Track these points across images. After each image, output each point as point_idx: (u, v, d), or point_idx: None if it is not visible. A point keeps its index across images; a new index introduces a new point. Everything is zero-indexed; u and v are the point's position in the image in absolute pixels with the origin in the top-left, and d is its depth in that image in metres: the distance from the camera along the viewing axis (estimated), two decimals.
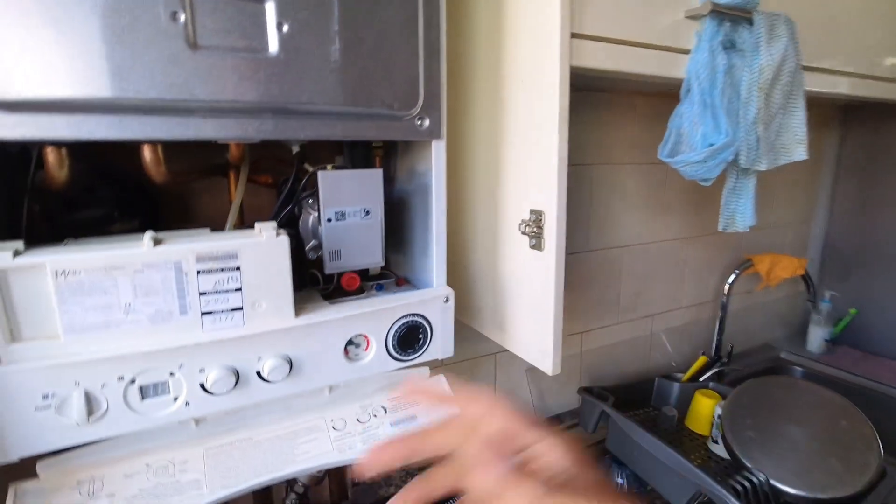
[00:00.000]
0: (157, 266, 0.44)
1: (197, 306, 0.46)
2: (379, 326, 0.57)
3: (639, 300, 1.20)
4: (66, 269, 0.41)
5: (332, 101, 0.50)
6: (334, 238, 0.56)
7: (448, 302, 0.61)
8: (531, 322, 0.66)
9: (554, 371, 0.64)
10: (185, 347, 0.47)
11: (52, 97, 0.39)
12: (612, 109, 1.04)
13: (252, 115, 0.47)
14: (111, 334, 0.44)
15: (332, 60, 0.49)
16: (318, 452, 0.56)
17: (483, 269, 0.74)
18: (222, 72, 0.44)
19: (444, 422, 0.33)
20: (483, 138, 0.69)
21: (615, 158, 1.07)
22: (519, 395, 1.07)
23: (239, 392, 0.50)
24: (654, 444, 0.86)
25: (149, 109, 0.43)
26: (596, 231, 1.08)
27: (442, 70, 0.56)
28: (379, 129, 0.54)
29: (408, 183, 0.66)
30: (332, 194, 0.55)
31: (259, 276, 0.48)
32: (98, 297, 0.43)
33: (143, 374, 0.46)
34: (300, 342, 0.52)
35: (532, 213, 0.63)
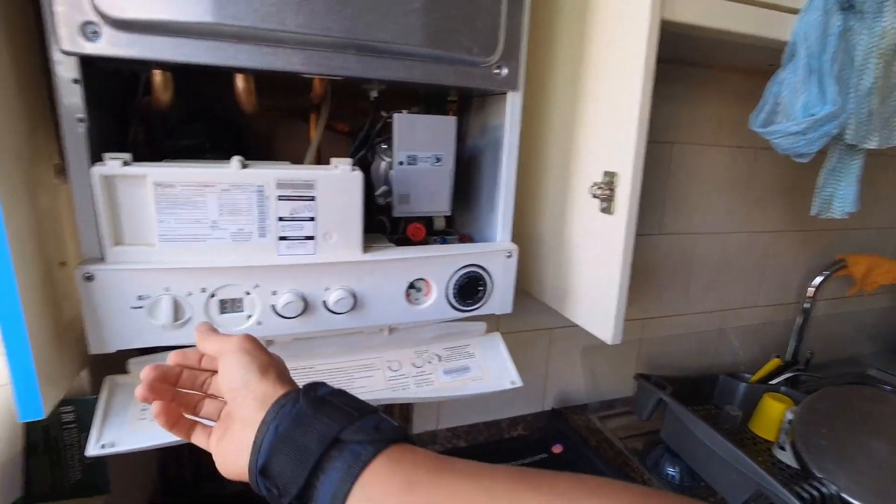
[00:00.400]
0: (242, 187, 0.47)
1: (274, 230, 0.49)
2: (440, 273, 0.57)
3: (710, 293, 1.13)
4: (164, 181, 0.45)
5: (413, 41, 0.50)
6: (404, 181, 0.57)
7: (511, 257, 0.61)
8: (595, 288, 0.64)
9: (614, 340, 0.62)
10: (261, 268, 0.50)
11: (159, 18, 0.43)
12: (700, 85, 0.97)
13: (337, 50, 0.49)
14: (198, 248, 0.48)
15: (417, 1, 0.49)
16: (372, 388, 0.58)
17: (548, 232, 0.72)
18: (311, 4, 0.46)
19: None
20: (560, 93, 0.67)
21: (699, 139, 1.01)
22: (572, 375, 1.05)
23: (306, 318, 0.53)
24: (715, 440, 0.82)
25: (243, 37, 0.45)
26: (670, 215, 1.03)
27: (524, 18, 0.55)
28: (456, 76, 0.54)
29: (479, 139, 0.66)
30: (406, 137, 0.56)
31: (332, 209, 0.50)
32: (189, 211, 0.46)
33: (222, 289, 0.49)
34: (365, 278, 0.54)
35: (605, 174, 0.60)
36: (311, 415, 0.32)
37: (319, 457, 0.29)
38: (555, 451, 0.93)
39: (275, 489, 0.30)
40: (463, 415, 0.98)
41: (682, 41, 0.64)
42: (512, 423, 1.01)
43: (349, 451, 0.29)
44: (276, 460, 0.30)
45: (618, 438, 0.97)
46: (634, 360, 1.10)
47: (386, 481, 0.28)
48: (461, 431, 0.97)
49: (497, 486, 0.27)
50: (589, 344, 1.03)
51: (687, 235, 1.07)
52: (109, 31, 0.42)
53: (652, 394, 0.94)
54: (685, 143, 1.00)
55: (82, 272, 0.45)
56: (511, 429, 1.00)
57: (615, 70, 0.58)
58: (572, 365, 1.05)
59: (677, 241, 1.06)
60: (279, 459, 0.30)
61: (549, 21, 0.68)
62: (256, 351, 0.37)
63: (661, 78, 0.55)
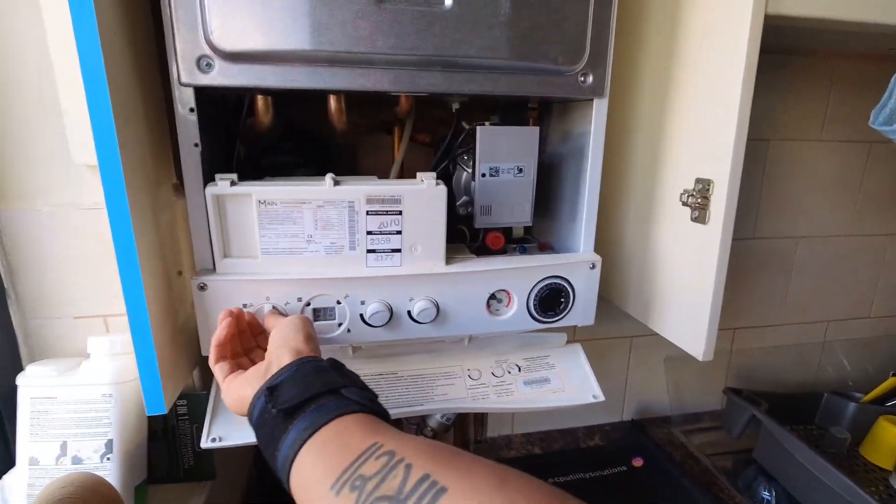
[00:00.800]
0: (335, 203, 0.50)
1: (363, 244, 0.51)
2: (522, 284, 0.57)
3: (812, 302, 1.03)
4: (266, 199, 0.49)
5: (498, 54, 0.50)
6: (486, 193, 0.57)
7: (594, 269, 0.59)
8: (684, 301, 0.61)
9: (705, 357, 0.59)
10: (351, 280, 0.52)
11: (264, 49, 0.46)
12: (802, 75, 0.89)
13: (423, 68, 0.50)
14: (295, 260, 0.51)
15: (502, 13, 0.49)
16: (453, 396, 0.59)
17: (632, 240, 0.69)
18: (401, 25, 0.47)
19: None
20: (648, 97, 0.64)
21: (801, 134, 0.92)
22: (653, 385, 1.01)
23: (391, 327, 0.55)
24: (819, 465, 0.75)
25: (338, 61, 0.48)
26: (766, 217, 0.95)
27: (611, 23, 0.53)
28: (541, 86, 0.53)
29: (560, 146, 0.65)
30: (489, 149, 0.56)
31: (417, 222, 0.52)
32: (288, 227, 0.50)
33: (316, 299, 0.52)
34: (448, 289, 0.55)
35: (698, 182, 0.57)
36: (327, 370, 0.40)
37: (318, 394, 0.36)
38: (635, 465, 0.89)
39: (271, 402, 0.37)
40: (538, 421, 0.97)
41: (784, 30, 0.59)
42: (588, 433, 0.99)
43: (342, 399, 0.37)
44: (287, 386, 0.38)
45: (704, 455, 0.92)
46: (724, 372, 1.03)
47: (360, 422, 0.35)
48: (535, 438, 0.96)
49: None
50: (673, 354, 0.98)
51: (785, 239, 0.98)
52: (221, 63, 0.46)
53: (744, 410, 0.88)
54: (784, 140, 0.92)
55: (197, 282, 0.49)
56: (587, 438, 0.97)
57: (710, 71, 0.55)
58: (653, 374, 1.00)
59: (774, 245, 0.98)
60: (289, 386, 0.38)
61: (635, 22, 0.65)
62: (308, 326, 0.46)
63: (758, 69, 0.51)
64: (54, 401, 0.51)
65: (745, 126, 0.52)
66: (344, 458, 0.31)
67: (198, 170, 0.48)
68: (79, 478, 0.42)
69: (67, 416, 0.51)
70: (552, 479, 0.85)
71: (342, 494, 0.29)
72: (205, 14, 0.44)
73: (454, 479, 0.27)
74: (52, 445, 0.51)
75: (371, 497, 0.27)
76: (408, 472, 0.28)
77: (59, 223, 0.54)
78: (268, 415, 0.37)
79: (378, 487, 0.28)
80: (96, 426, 0.51)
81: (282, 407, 0.36)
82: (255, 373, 0.41)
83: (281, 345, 0.42)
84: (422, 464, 0.28)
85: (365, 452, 0.31)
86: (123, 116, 0.42)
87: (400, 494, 0.27)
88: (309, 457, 0.33)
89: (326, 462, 0.31)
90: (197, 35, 0.45)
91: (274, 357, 0.42)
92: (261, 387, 0.39)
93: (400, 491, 0.27)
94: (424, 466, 0.28)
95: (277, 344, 0.43)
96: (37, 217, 0.53)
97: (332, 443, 0.33)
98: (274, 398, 0.37)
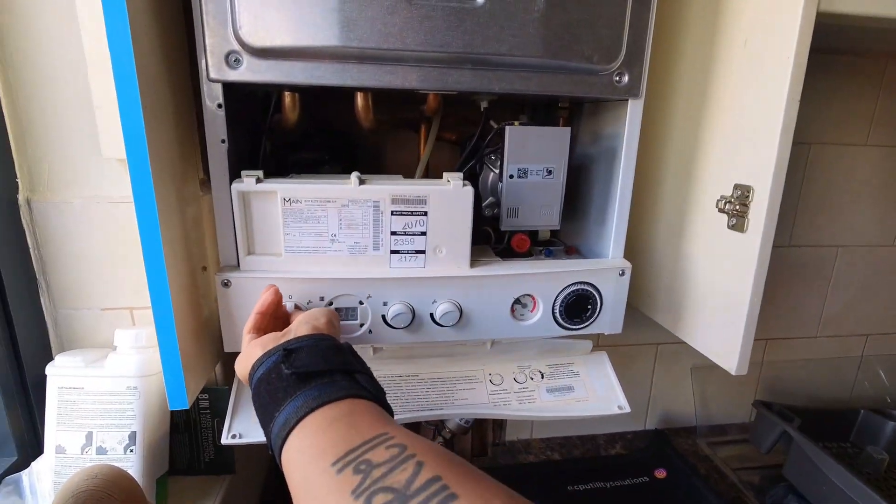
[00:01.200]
0: (360, 203, 0.49)
1: (388, 244, 0.51)
2: (548, 289, 0.55)
3: (850, 314, 0.99)
4: (292, 196, 0.48)
5: (530, 52, 0.49)
6: (514, 195, 0.56)
7: (624, 276, 0.57)
8: (717, 312, 0.58)
9: (739, 371, 0.56)
10: (374, 280, 0.52)
11: (293, 45, 0.45)
12: (848, 77, 0.85)
13: (453, 65, 0.48)
14: (318, 259, 0.51)
15: (536, 10, 0.48)
16: (474, 401, 0.58)
17: (662, 246, 0.67)
18: (432, 21, 0.46)
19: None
20: (683, 98, 0.62)
21: (844, 138, 0.88)
22: (678, 394, 0.98)
23: (413, 329, 0.54)
24: (856, 488, 0.71)
25: (366, 58, 0.47)
26: (804, 224, 0.91)
27: (650, 21, 0.51)
28: (574, 85, 0.51)
29: (590, 147, 0.63)
30: (518, 150, 0.54)
31: (443, 224, 0.51)
32: (312, 225, 0.49)
33: (339, 298, 0.52)
34: (471, 292, 0.54)
35: (736, 188, 0.54)
36: (345, 351, 0.40)
37: (333, 370, 0.37)
38: (658, 476, 0.87)
39: (286, 363, 0.36)
40: (558, 426, 0.96)
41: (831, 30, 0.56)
42: (609, 441, 0.96)
43: (355, 382, 0.37)
44: (304, 353, 0.38)
45: (730, 469, 0.89)
46: (753, 383, 1.00)
47: (370, 409, 0.34)
48: (555, 443, 0.95)
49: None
50: (700, 363, 0.95)
51: (823, 248, 0.94)
52: (250, 59, 0.45)
53: (775, 425, 0.85)
54: (826, 144, 0.88)
55: (221, 278, 0.49)
56: (609, 446, 0.95)
57: (754, 72, 0.52)
58: (679, 384, 0.97)
59: (811, 254, 0.94)
60: (307, 353, 0.38)
61: (672, 20, 0.62)
62: (333, 316, 0.46)
63: None
64: (81, 391, 0.52)
65: (791, 131, 0.49)
66: (351, 439, 0.30)
67: (224, 166, 0.48)
68: (102, 470, 0.43)
69: (93, 406, 0.52)
70: (571, 488, 0.84)
71: (344, 473, 0.28)
72: (234, 9, 0.44)
73: (467, 488, 0.26)
74: (78, 435, 0.51)
75: (376, 485, 0.26)
76: (418, 469, 0.27)
77: (89, 215, 0.55)
78: (276, 374, 0.36)
79: (385, 477, 0.27)
80: (121, 418, 0.52)
81: (297, 370, 0.36)
82: (272, 337, 0.41)
83: (304, 321, 0.43)
84: (433, 465, 0.27)
85: (375, 439, 0.30)
86: (152, 112, 0.42)
87: (407, 490, 0.26)
88: (312, 427, 0.32)
89: (331, 437, 0.31)
90: (226, 30, 0.44)
91: (294, 327, 0.42)
92: (276, 345, 0.39)
93: (407, 486, 0.26)
94: (436, 468, 0.27)
95: (301, 320, 0.43)
96: (68, 209, 0.54)
97: (340, 421, 0.32)
98: (289, 360, 0.37)
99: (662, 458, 0.91)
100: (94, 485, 0.42)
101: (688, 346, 0.63)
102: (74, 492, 0.41)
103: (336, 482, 0.27)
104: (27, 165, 0.53)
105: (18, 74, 0.51)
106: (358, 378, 0.37)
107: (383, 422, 0.33)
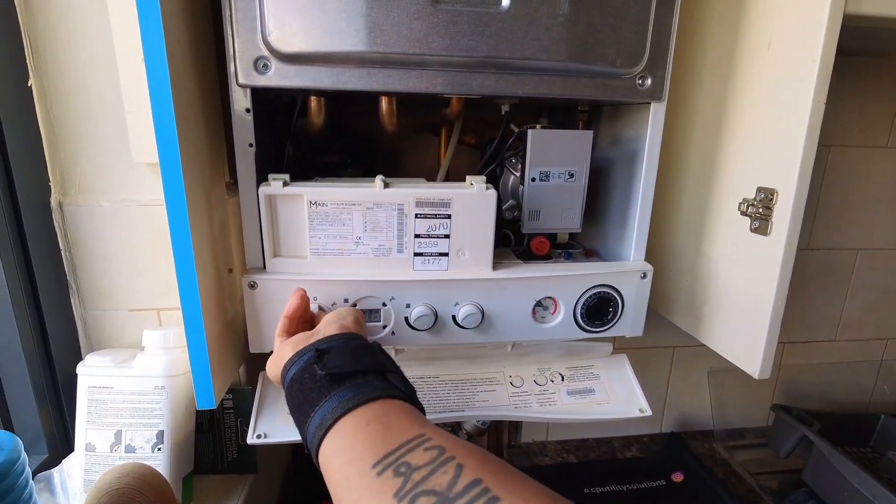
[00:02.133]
0: (384, 206, 0.49)
1: (411, 247, 0.51)
2: (570, 292, 0.56)
3: (870, 318, 0.98)
4: (317, 199, 0.49)
5: (554, 56, 0.49)
6: (535, 198, 0.56)
7: (645, 278, 0.57)
8: (739, 315, 0.58)
9: (762, 375, 0.56)
10: (398, 283, 0.52)
11: (320, 51, 0.46)
12: (870, 79, 0.84)
13: (477, 70, 0.49)
14: (343, 261, 0.51)
15: (560, 14, 0.48)
16: (495, 403, 0.58)
17: (682, 249, 0.67)
18: (457, 26, 0.47)
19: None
20: (705, 101, 0.62)
21: (866, 140, 0.87)
22: (695, 398, 0.97)
23: (436, 331, 0.54)
24: (879, 494, 0.71)
25: (392, 62, 0.47)
26: (823, 227, 0.90)
27: (673, 24, 0.51)
28: (597, 89, 0.52)
29: (610, 150, 0.63)
30: (540, 153, 0.54)
31: (466, 227, 0.51)
32: (337, 228, 0.50)
33: (363, 300, 0.52)
34: (494, 294, 0.54)
35: (760, 191, 0.54)
36: (376, 351, 0.41)
37: (365, 370, 0.37)
38: (675, 480, 0.86)
39: (319, 364, 0.37)
40: (573, 429, 0.96)
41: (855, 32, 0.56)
42: (625, 443, 0.96)
43: (388, 382, 0.37)
44: (336, 353, 0.38)
45: (748, 473, 0.88)
46: (771, 387, 0.99)
47: (406, 410, 0.35)
48: (571, 446, 0.94)
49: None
50: (717, 366, 0.94)
51: (842, 251, 0.93)
52: (278, 64, 0.46)
53: (794, 429, 0.84)
54: (847, 146, 0.87)
55: (248, 280, 0.50)
56: (624, 449, 0.95)
57: (778, 74, 0.52)
58: (696, 387, 0.97)
59: (830, 257, 0.93)
60: (338, 353, 0.38)
61: (695, 23, 0.62)
62: (360, 315, 0.47)
63: None
64: (111, 390, 0.53)
65: (817, 133, 0.49)
66: (389, 441, 0.30)
67: (252, 169, 0.49)
68: (134, 468, 0.44)
69: (122, 405, 0.53)
70: (588, 490, 0.84)
71: (384, 476, 0.28)
72: (263, 16, 0.45)
73: (508, 490, 0.26)
74: (108, 433, 0.52)
75: (418, 488, 0.26)
76: (459, 471, 0.27)
77: (118, 218, 0.56)
78: (309, 374, 0.37)
79: (426, 480, 0.27)
80: (149, 417, 0.53)
81: (330, 371, 0.36)
82: (301, 337, 0.42)
83: (331, 320, 0.43)
84: (474, 467, 0.27)
85: (413, 441, 0.30)
86: (184, 117, 0.43)
87: (449, 492, 0.26)
88: (349, 428, 0.32)
89: (370, 439, 0.31)
90: (255, 36, 0.45)
91: (322, 327, 0.42)
92: (307, 345, 0.40)
93: (449, 489, 0.26)
94: (477, 471, 0.27)
95: (328, 319, 0.44)
96: (98, 212, 0.55)
97: (377, 422, 0.32)
98: (322, 361, 0.37)
99: (679, 461, 0.90)
100: (125, 483, 0.42)
101: (705, 349, 0.63)
102: (106, 490, 0.42)
103: (377, 484, 0.28)
104: (59, 169, 0.54)
105: (53, 83, 0.53)
106: (390, 378, 0.38)
107: (419, 422, 0.33)
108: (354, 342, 0.40)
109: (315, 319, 0.50)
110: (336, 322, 0.43)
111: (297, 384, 0.37)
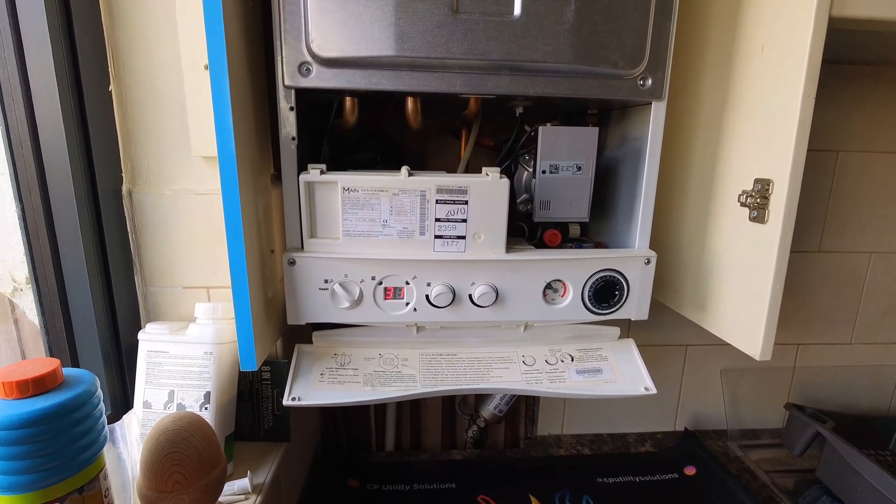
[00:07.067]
0: (409, 192, 0.56)
1: (432, 230, 0.57)
2: (577, 275, 0.60)
3: (886, 320, 0.99)
4: (350, 186, 0.55)
5: (561, 59, 0.55)
6: (546, 189, 0.61)
7: (649, 264, 0.61)
8: (741, 300, 0.62)
9: (763, 356, 0.59)
10: (420, 262, 0.58)
11: (355, 55, 0.53)
12: (875, 87, 0.87)
13: (493, 72, 0.55)
14: (371, 243, 0.57)
15: (566, 21, 0.54)
16: (508, 379, 0.62)
17: (688, 241, 0.71)
18: (475, 33, 0.53)
19: None
20: (705, 99, 0.66)
21: (872, 146, 0.90)
22: (708, 396, 0.99)
23: (454, 309, 0.60)
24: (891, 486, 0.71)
25: (417, 66, 0.54)
26: (834, 230, 0.93)
27: (671, 28, 0.57)
28: (601, 89, 0.57)
29: (618, 150, 0.68)
30: (550, 147, 0.60)
31: (482, 212, 0.57)
32: (367, 212, 0.56)
33: (387, 279, 0.58)
34: (507, 275, 0.59)
35: (757, 182, 0.58)
36: None
37: None
38: (687, 473, 0.88)
39: None
40: (588, 423, 0.98)
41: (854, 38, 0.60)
42: (639, 439, 0.98)
43: None
44: None
45: (762, 471, 0.89)
46: (786, 388, 1.00)
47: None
48: (585, 439, 0.97)
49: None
50: (730, 365, 0.96)
51: (855, 254, 0.95)
52: (319, 68, 0.53)
53: (807, 427, 0.85)
54: (854, 152, 0.90)
55: (288, 258, 0.57)
56: (638, 444, 0.97)
57: (772, 74, 0.56)
58: (709, 386, 0.99)
59: (842, 260, 0.95)
60: None
61: (694, 26, 0.68)
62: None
63: (826, 81, 0.52)
64: (166, 354, 0.60)
65: (808, 126, 0.53)
66: None
67: (294, 161, 0.56)
68: (188, 415, 0.50)
69: (175, 368, 0.59)
70: (600, 480, 0.86)
71: None
72: (307, 26, 0.52)
73: None
74: (162, 392, 0.59)
75: None
76: None
77: (177, 206, 0.64)
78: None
79: None
80: (198, 379, 0.59)
81: None
82: None
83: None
84: None
85: None
86: (239, 117, 0.50)
87: None
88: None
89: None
90: (300, 44, 0.53)
91: None
92: None
93: None
94: None
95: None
96: (161, 200, 0.63)
97: None
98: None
99: (692, 456, 0.92)
100: (179, 426, 0.49)
101: (717, 347, 0.66)
102: (164, 430, 0.48)
103: None
104: (130, 162, 0.63)
105: (128, 88, 0.61)
106: None
107: None
108: None
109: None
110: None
111: None
